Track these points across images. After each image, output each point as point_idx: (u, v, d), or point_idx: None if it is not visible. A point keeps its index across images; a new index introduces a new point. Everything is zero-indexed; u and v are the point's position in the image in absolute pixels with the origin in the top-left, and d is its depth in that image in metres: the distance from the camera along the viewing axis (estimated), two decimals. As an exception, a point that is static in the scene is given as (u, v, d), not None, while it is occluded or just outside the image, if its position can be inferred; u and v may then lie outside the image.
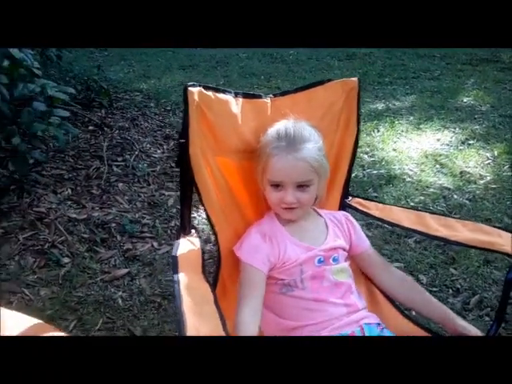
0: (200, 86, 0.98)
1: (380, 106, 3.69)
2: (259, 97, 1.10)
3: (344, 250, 1.08)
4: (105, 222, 2.03)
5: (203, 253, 1.00)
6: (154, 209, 2.22)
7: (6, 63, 1.83)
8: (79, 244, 1.88)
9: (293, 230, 1.06)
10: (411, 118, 3.44)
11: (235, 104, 1.05)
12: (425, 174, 2.58)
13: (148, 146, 2.86)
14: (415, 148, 2.93)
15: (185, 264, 0.93)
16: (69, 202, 2.13)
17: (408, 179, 2.52)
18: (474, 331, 0.98)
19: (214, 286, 1.03)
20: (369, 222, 2.00)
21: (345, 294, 1.03)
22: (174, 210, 2.22)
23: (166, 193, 2.37)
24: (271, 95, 1.12)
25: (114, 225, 2.02)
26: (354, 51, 5.42)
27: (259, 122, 1.09)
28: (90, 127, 3.02)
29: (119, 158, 2.63)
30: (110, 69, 4.66)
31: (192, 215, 1.10)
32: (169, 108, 3.61)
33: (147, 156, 2.73)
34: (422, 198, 2.35)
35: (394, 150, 2.88)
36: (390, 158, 2.76)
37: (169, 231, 2.06)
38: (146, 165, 2.58)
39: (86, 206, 2.12)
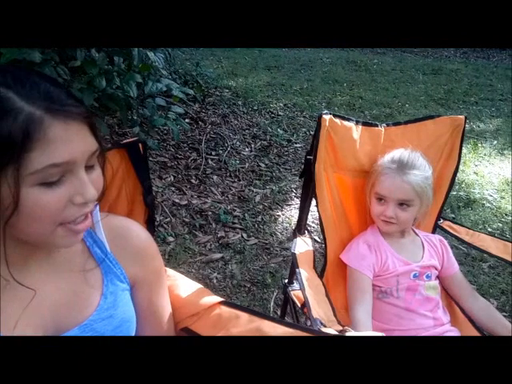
0: (331, 114, 1.17)
1: (463, 126, 3.69)
2: (375, 125, 1.27)
3: (436, 269, 1.23)
4: (202, 210, 2.29)
5: (314, 252, 1.20)
6: (243, 203, 2.45)
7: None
8: (181, 226, 2.15)
9: (393, 244, 1.22)
10: (495, 142, 3.44)
11: (356, 130, 1.22)
12: (505, 202, 2.61)
13: (238, 143, 3.10)
14: (497, 173, 2.95)
15: (302, 260, 1.13)
16: (172, 188, 2.42)
17: (487, 204, 2.58)
18: None
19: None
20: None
21: (433, 309, 1.18)
22: (261, 207, 2.44)
23: (254, 189, 2.59)
24: (385, 124, 1.28)
25: (210, 213, 2.28)
26: (440, 66, 5.37)
27: (372, 147, 1.26)
28: (187, 120, 3.31)
29: (213, 152, 2.90)
30: (201, 63, 4.98)
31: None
32: (256, 108, 3.83)
33: (237, 153, 2.98)
34: (500, 225, 2.40)
35: (475, 173, 2.93)
36: (471, 181, 2.81)
37: (256, 225, 2.28)
38: (237, 161, 2.82)
39: (186, 193, 2.40)
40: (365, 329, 1.10)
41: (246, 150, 3.06)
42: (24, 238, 0.61)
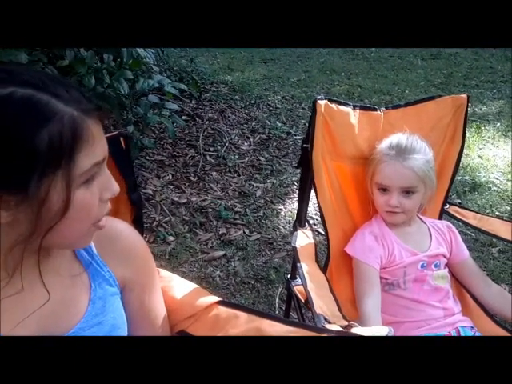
0: (326, 99, 1.11)
1: (465, 109, 3.62)
2: (374, 109, 1.21)
3: (445, 257, 1.18)
4: (202, 207, 2.24)
5: (315, 244, 1.15)
6: (244, 198, 2.40)
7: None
8: (181, 225, 2.10)
9: (399, 233, 1.17)
10: (498, 124, 3.36)
11: (353, 115, 1.17)
12: (511, 184, 2.55)
13: (236, 138, 3.05)
14: (502, 156, 2.88)
15: (303, 254, 1.08)
16: (171, 186, 2.37)
17: (493, 188, 2.51)
18: None
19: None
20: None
21: (443, 299, 1.13)
22: (262, 201, 2.39)
23: (255, 184, 2.54)
24: (384, 108, 1.23)
25: (210, 210, 2.23)
26: (439, 50, 5.28)
27: (372, 132, 1.20)
28: (183, 117, 3.25)
29: (211, 148, 2.84)
30: (196, 59, 4.92)
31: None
32: (253, 102, 3.77)
33: (236, 148, 2.92)
34: (508, 208, 2.34)
35: (480, 156, 2.86)
36: (475, 165, 2.75)
37: (258, 220, 2.23)
38: (236, 156, 2.77)
39: (185, 191, 2.35)
40: (374, 322, 1.05)
41: (245, 144, 3.00)
42: (56, 243, 0.61)
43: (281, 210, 2.33)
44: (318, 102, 1.10)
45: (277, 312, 1.67)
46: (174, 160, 2.62)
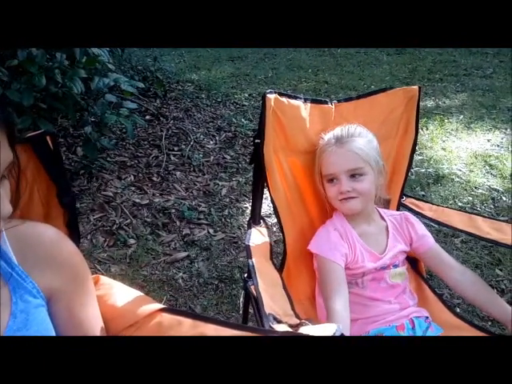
0: (276, 92, 1.09)
1: (429, 103, 3.68)
2: (325, 102, 1.19)
3: (405, 252, 1.16)
4: (165, 208, 2.19)
5: (271, 242, 1.12)
6: (208, 197, 2.36)
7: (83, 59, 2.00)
8: (143, 227, 2.05)
9: (360, 233, 1.13)
10: (461, 116, 3.42)
11: (304, 109, 1.15)
12: (474, 175, 2.59)
13: (201, 136, 3.00)
14: (465, 148, 2.93)
15: (256, 252, 1.05)
16: (132, 188, 2.31)
17: (456, 179, 2.55)
18: None
19: (280, 272, 1.14)
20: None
21: (399, 295, 1.12)
22: (227, 200, 2.36)
23: (220, 183, 2.50)
24: (335, 101, 1.21)
25: (173, 211, 2.18)
26: (403, 46, 5.35)
27: (324, 125, 1.18)
28: (147, 117, 3.19)
29: (176, 148, 2.79)
30: (162, 58, 4.83)
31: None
32: (219, 100, 3.73)
33: (201, 146, 2.88)
34: (470, 198, 2.37)
35: (443, 149, 2.90)
36: (439, 157, 2.78)
37: (223, 219, 2.20)
38: (200, 155, 2.73)
39: (147, 192, 2.29)
40: (342, 321, 1.01)
41: (211, 143, 2.96)
42: None
43: (246, 208, 2.30)
44: (268, 96, 1.07)
45: (240, 312, 1.64)
46: (136, 161, 2.56)
